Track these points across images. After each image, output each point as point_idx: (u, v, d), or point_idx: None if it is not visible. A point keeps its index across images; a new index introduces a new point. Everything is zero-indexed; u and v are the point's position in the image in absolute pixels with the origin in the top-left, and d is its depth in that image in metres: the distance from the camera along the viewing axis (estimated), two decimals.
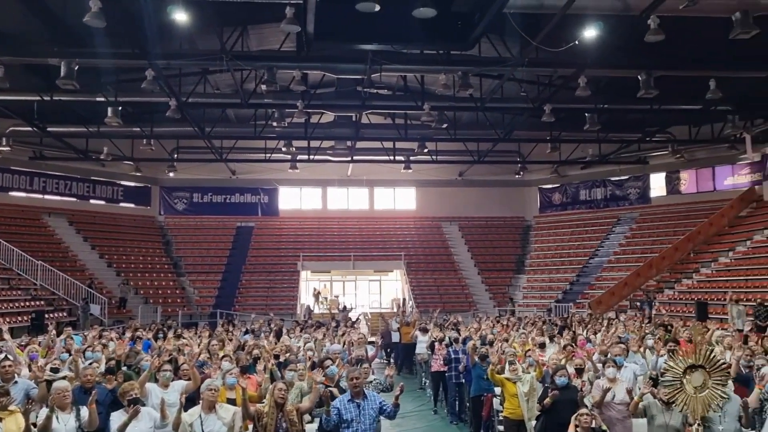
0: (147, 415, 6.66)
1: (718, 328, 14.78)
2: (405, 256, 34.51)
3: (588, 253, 34.48)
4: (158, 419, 6.69)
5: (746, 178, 31.58)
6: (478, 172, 36.57)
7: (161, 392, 7.49)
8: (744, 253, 26.74)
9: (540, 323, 17.86)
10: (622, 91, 23.09)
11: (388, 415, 6.57)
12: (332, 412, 6.25)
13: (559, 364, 8.39)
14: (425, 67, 20.19)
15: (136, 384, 6.95)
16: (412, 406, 14.36)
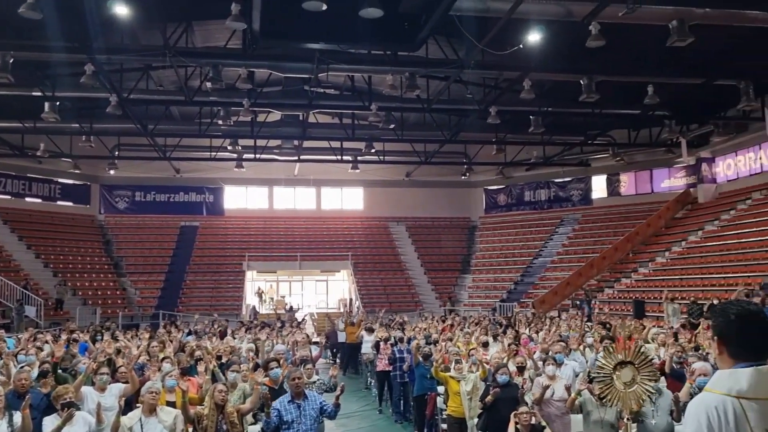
0: (82, 419, 6.46)
1: (654, 326, 15.25)
2: (352, 256, 34.49)
3: (532, 254, 35.12)
4: (93, 424, 6.51)
5: (682, 181, 32.72)
6: (425, 173, 36.85)
7: (98, 396, 7.28)
8: (679, 253, 27.68)
9: (485, 322, 18.09)
10: (565, 94, 23.62)
11: (329, 415, 6.55)
12: (272, 413, 6.19)
13: (500, 362, 8.51)
14: (372, 67, 20.21)
15: (71, 387, 6.74)
16: (357, 406, 14.36)
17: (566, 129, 29.30)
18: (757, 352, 2.29)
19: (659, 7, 15.53)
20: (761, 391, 2.21)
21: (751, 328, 2.33)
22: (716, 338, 2.40)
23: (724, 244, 25.21)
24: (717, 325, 2.41)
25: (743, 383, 2.22)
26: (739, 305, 2.39)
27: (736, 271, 22.40)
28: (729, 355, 2.35)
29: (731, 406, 2.20)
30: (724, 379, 2.28)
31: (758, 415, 2.20)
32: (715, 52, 20.79)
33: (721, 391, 2.24)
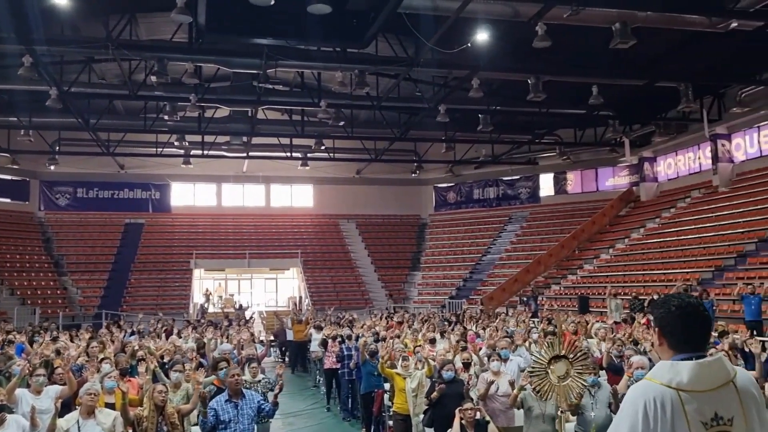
0: (15, 423, 6.22)
1: (597, 321, 15.59)
2: (302, 254, 34.27)
3: (481, 251, 35.52)
4: (27, 427, 6.28)
5: (625, 180, 33.59)
6: (376, 171, 36.89)
7: (32, 398, 7.01)
8: (622, 250, 28.40)
9: (433, 319, 18.20)
10: (513, 93, 23.94)
11: (267, 414, 6.48)
12: (209, 413, 6.08)
13: (446, 359, 8.56)
14: (322, 64, 20.10)
15: (3, 390, 6.49)
16: (306, 404, 14.27)
17: (514, 128, 29.72)
18: (695, 344, 2.34)
19: (603, 10, 15.89)
20: (700, 384, 2.26)
21: (691, 321, 2.37)
22: (657, 329, 2.44)
23: (665, 241, 25.96)
24: (658, 317, 2.45)
25: (683, 376, 2.26)
26: (680, 298, 2.43)
27: (675, 267, 23.08)
28: (669, 346, 2.39)
29: (669, 397, 2.24)
30: (665, 371, 2.31)
31: (695, 408, 2.24)
32: (657, 55, 21.43)
33: (661, 382, 2.27)
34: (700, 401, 2.25)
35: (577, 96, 24.04)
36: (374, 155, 32.26)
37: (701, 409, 2.25)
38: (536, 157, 35.60)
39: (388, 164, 35.03)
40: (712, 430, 2.26)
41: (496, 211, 37.78)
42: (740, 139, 26.82)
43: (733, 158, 27.14)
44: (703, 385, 2.26)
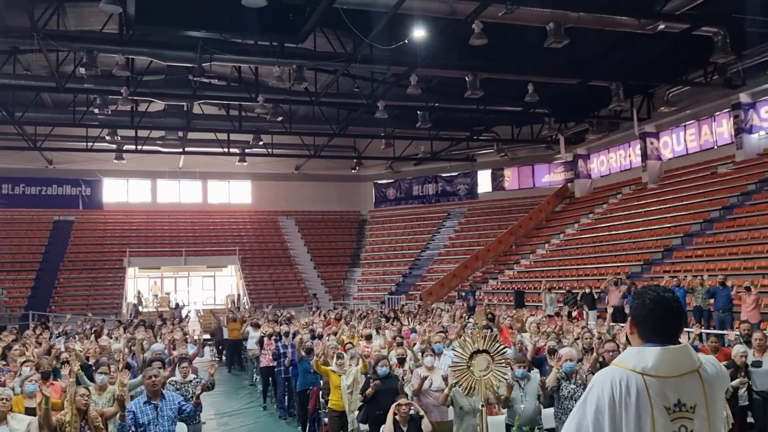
0: None
1: (532, 314, 15.90)
2: (240, 251, 33.77)
3: (420, 246, 35.78)
4: None
5: (560, 176, 34.40)
6: (315, 167, 36.67)
7: None
8: (558, 245, 29.07)
9: (371, 315, 18.21)
10: (451, 91, 24.17)
11: (188, 415, 6.33)
12: (127, 416, 5.88)
13: (380, 355, 8.55)
14: (258, 58, 19.83)
15: None
16: (241, 404, 14.05)
17: (453, 125, 30.01)
18: (665, 335, 2.40)
19: (536, 10, 16.20)
20: (664, 370, 2.32)
21: (664, 314, 2.43)
22: (630, 319, 2.50)
23: (597, 236, 26.71)
24: (632, 308, 2.51)
25: (648, 361, 2.32)
26: (656, 291, 2.48)
27: (607, 261, 23.77)
28: (639, 335, 2.45)
29: (635, 381, 2.29)
30: (632, 356, 2.37)
31: (659, 392, 2.30)
32: (589, 55, 21.98)
33: (627, 366, 2.33)
34: (665, 386, 2.31)
35: (513, 94, 24.44)
36: (313, 151, 32.09)
37: (665, 394, 2.31)
38: (474, 154, 36.08)
39: (327, 160, 34.87)
40: (674, 415, 2.32)
41: (435, 208, 38.12)
42: (668, 137, 27.82)
43: (661, 156, 28.13)
44: (667, 371, 2.33)
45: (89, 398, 6.06)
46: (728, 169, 24.12)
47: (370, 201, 40.14)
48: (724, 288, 14.82)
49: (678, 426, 2.32)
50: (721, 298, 14.71)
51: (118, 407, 5.91)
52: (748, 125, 23.63)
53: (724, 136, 25.19)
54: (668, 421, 2.30)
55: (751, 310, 13.73)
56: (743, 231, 19.72)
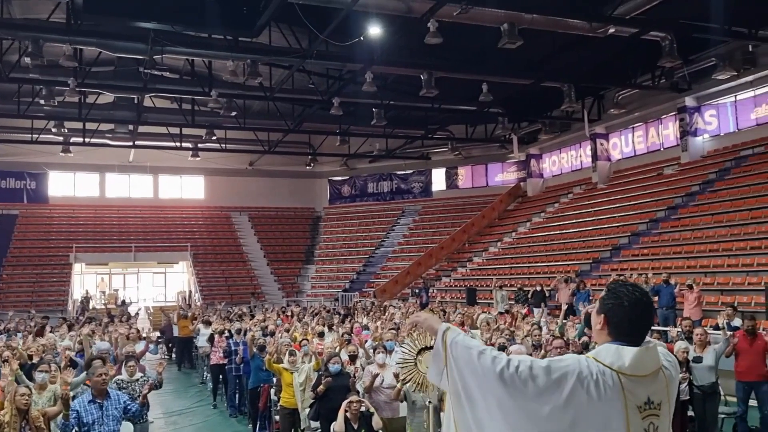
0: None
1: (483, 312, 16.08)
2: (192, 247, 33.26)
3: (374, 244, 35.84)
4: None
5: (513, 175, 34.89)
6: (269, 163, 36.35)
7: None
8: (510, 243, 29.46)
9: (323, 312, 18.16)
10: (406, 89, 24.24)
11: (134, 414, 6.22)
12: (70, 415, 5.73)
13: (332, 352, 8.54)
14: (212, 52, 19.49)
15: None
16: (191, 402, 13.85)
17: (407, 123, 30.13)
18: (635, 336, 2.40)
19: (491, 10, 16.34)
20: (639, 369, 2.33)
21: (639, 318, 2.43)
22: (603, 316, 2.46)
23: (548, 235, 27.17)
24: (607, 305, 2.46)
25: (626, 360, 2.31)
26: (632, 293, 2.44)
27: (557, 260, 24.20)
28: (609, 333, 2.44)
29: (610, 378, 2.28)
30: (609, 354, 2.35)
31: (633, 392, 2.31)
32: (543, 56, 22.32)
33: (604, 363, 2.32)
34: (638, 385, 2.32)
35: (468, 93, 24.66)
36: (267, 147, 31.82)
37: (638, 393, 2.33)
38: (429, 152, 36.29)
39: (281, 156, 34.57)
40: (645, 413, 2.33)
41: (390, 205, 38.22)
42: (617, 138, 28.48)
43: (610, 157, 28.77)
44: (641, 371, 2.34)
45: (30, 397, 5.88)
46: (674, 170, 24.82)
47: (325, 198, 40.01)
48: (668, 286, 15.25)
49: (647, 424, 2.34)
50: (664, 296, 15.13)
51: (62, 406, 5.75)
52: (693, 128, 24.36)
53: (670, 138, 25.92)
54: (640, 420, 2.32)
55: (692, 308, 14.17)
56: (687, 231, 20.33)
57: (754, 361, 9.14)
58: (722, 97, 23.52)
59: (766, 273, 15.69)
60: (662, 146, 26.39)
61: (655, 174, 25.60)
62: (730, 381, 9.78)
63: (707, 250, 18.51)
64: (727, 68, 20.64)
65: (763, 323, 11.27)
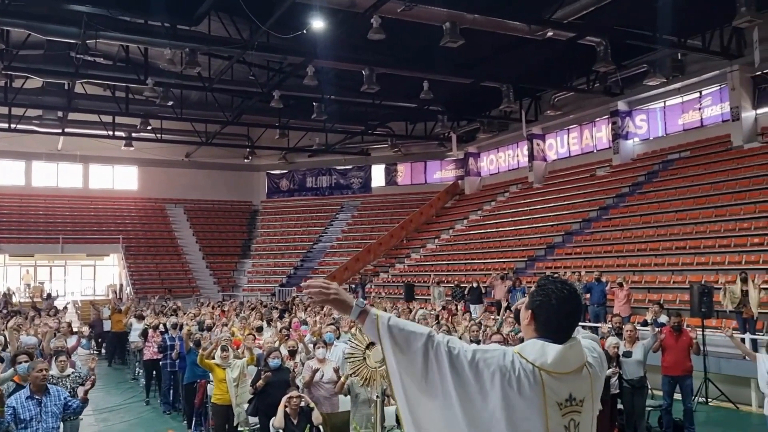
0: None
1: (421, 308, 16.22)
2: (124, 239, 32.30)
3: (312, 239, 35.66)
4: None
5: (451, 173, 35.33)
6: (206, 154, 35.64)
7: None
8: (447, 240, 29.83)
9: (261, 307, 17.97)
10: (348, 84, 24.18)
11: (74, 411, 6.02)
12: (6, 412, 5.50)
13: (272, 347, 8.47)
14: (148, 39, 18.97)
15: None
16: (123, 398, 13.48)
17: (348, 118, 30.06)
18: (561, 333, 2.38)
19: (434, 8, 16.50)
20: (561, 367, 2.32)
21: (567, 316, 2.41)
22: (531, 312, 2.44)
23: (485, 233, 27.64)
24: (535, 302, 2.44)
25: (549, 357, 2.30)
26: (561, 291, 2.42)
27: (493, 257, 24.64)
28: (536, 329, 2.42)
29: (531, 375, 2.27)
30: (534, 350, 2.33)
31: (554, 389, 2.30)
32: (483, 56, 22.65)
33: (528, 359, 2.30)
34: (559, 383, 2.31)
35: (409, 90, 24.80)
36: (205, 138, 31.22)
37: (559, 390, 2.31)
38: (368, 148, 36.34)
39: (219, 148, 33.94)
40: (565, 410, 2.32)
41: (329, 200, 38.10)
42: (553, 139, 29.21)
43: (546, 157, 29.49)
44: (563, 368, 2.32)
45: None
46: (606, 172, 25.64)
47: (263, 191, 39.54)
48: (599, 284, 15.75)
49: (568, 420, 2.33)
50: (596, 293, 15.62)
51: None
52: (624, 132, 25.21)
53: (603, 140, 26.75)
54: (560, 417, 2.31)
55: (622, 305, 14.69)
56: (617, 231, 21.04)
57: (680, 357, 9.56)
58: (652, 103, 24.44)
59: (691, 272, 16.41)
60: (595, 148, 27.22)
61: (588, 175, 26.38)
62: (656, 375, 10.21)
63: (636, 249, 19.20)
64: (657, 75, 21.42)
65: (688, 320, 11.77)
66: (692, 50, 20.16)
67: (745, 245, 16.30)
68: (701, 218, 18.63)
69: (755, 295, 12.46)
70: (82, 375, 7.86)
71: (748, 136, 20.70)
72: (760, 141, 20.45)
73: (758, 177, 18.74)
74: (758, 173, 18.91)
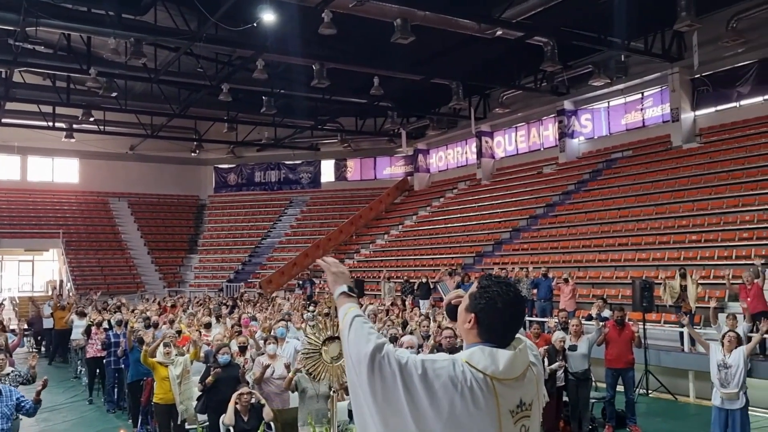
0: None
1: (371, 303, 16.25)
2: (64, 233, 31.31)
3: (261, 234, 35.32)
4: None
5: (401, 169, 35.49)
6: (152, 147, 34.83)
7: None
8: (396, 236, 29.97)
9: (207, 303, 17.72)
10: (298, 78, 24.00)
11: (27, 412, 5.84)
12: None
13: (221, 343, 8.36)
14: (92, 27, 18.44)
15: None
16: (65, 397, 13.09)
17: (298, 112, 29.83)
18: (507, 338, 2.29)
19: (385, 5, 16.54)
20: (510, 373, 2.22)
21: (512, 320, 2.31)
22: (474, 315, 2.29)
23: (434, 228, 27.88)
24: (479, 305, 2.29)
25: (500, 364, 2.19)
26: (506, 292, 2.29)
27: (442, 252, 24.88)
28: (479, 333, 2.29)
29: (484, 384, 2.16)
30: (483, 358, 2.20)
31: (506, 396, 2.20)
32: (433, 53, 22.79)
33: (478, 367, 2.18)
34: (510, 389, 2.21)
35: (359, 86, 24.79)
36: (150, 131, 30.52)
37: (510, 398, 2.21)
38: (318, 143, 36.18)
39: (165, 141, 33.23)
40: (517, 417, 2.23)
41: (277, 195, 37.79)
42: (501, 137, 29.65)
43: (494, 154, 29.91)
44: (513, 374, 2.23)
45: None
46: (552, 169, 26.17)
47: (210, 186, 38.91)
48: (546, 279, 16.08)
49: (519, 427, 2.23)
50: (543, 289, 15.95)
51: None
52: (570, 130, 25.77)
53: (549, 139, 27.29)
54: (512, 425, 2.21)
55: (568, 300, 15.02)
56: (563, 227, 21.52)
57: (622, 350, 9.85)
58: (597, 103, 25.05)
59: (633, 268, 16.91)
60: (542, 146, 27.74)
61: (535, 172, 26.88)
62: (600, 368, 10.50)
63: (581, 245, 19.66)
64: (602, 76, 21.96)
65: (630, 314, 12.14)
66: (635, 52, 20.73)
67: (684, 242, 16.90)
68: (642, 216, 19.20)
69: (693, 290, 12.92)
70: (23, 374, 7.62)
71: (687, 136, 21.42)
72: (698, 141, 21.20)
73: (696, 176, 19.44)
74: (696, 173, 19.62)
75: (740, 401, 7.54)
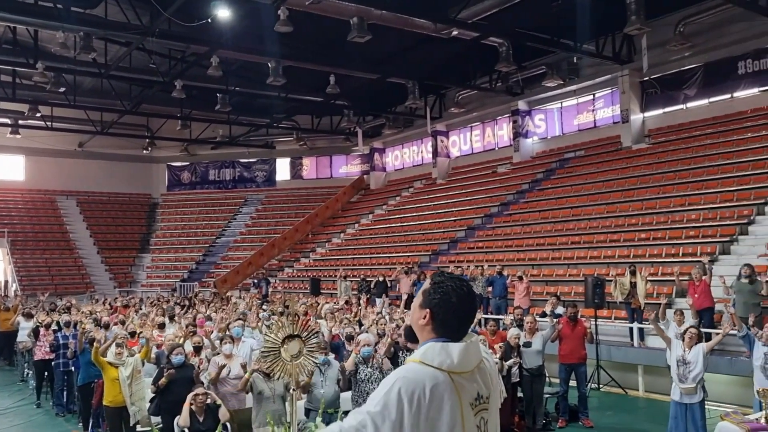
0: None
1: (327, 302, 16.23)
2: (9, 233, 30.36)
3: (215, 233, 34.86)
4: None
5: (357, 168, 35.48)
6: (102, 144, 34.03)
7: None
8: (353, 234, 29.94)
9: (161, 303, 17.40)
10: (253, 76, 23.79)
11: None
12: None
13: (174, 343, 8.22)
14: (39, 20, 17.91)
15: None
16: (11, 402, 12.67)
17: (253, 110, 29.59)
18: (461, 332, 2.30)
19: (342, 3, 16.51)
20: (465, 366, 2.24)
21: (466, 315, 2.33)
22: (429, 311, 2.29)
23: (390, 227, 27.95)
24: (433, 300, 2.30)
25: (454, 358, 2.20)
26: (460, 287, 2.31)
27: (398, 251, 24.94)
28: (433, 329, 2.29)
29: (443, 381, 2.17)
30: (436, 354, 2.21)
31: (465, 390, 2.22)
32: (390, 52, 22.88)
33: (433, 365, 2.19)
34: (467, 382, 2.24)
35: (315, 84, 24.69)
36: (100, 128, 29.80)
37: (470, 390, 2.24)
38: (273, 141, 35.91)
39: (116, 138, 32.47)
40: (476, 409, 2.25)
41: (232, 193, 37.36)
42: (456, 136, 29.89)
43: (449, 154, 30.14)
44: (467, 367, 2.25)
45: None
46: (506, 169, 26.51)
47: (163, 184, 38.19)
48: (501, 277, 16.27)
49: (479, 420, 2.27)
50: (498, 286, 16.14)
51: None
52: (524, 130, 26.14)
53: (504, 138, 27.63)
54: (473, 417, 2.24)
55: (522, 297, 15.25)
56: (517, 226, 21.81)
57: (575, 345, 10.05)
58: (550, 103, 25.47)
59: (585, 265, 17.25)
60: (497, 146, 28.07)
61: (490, 172, 27.18)
62: (553, 364, 10.70)
63: (534, 244, 19.96)
64: (555, 77, 22.35)
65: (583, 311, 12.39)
66: (587, 54, 21.15)
67: (633, 240, 17.31)
68: (594, 214, 19.61)
69: (642, 286, 13.26)
70: None
71: (637, 137, 21.97)
72: (647, 142, 21.77)
73: (645, 176, 19.94)
74: (645, 172, 20.12)
75: (698, 395, 7.71)
